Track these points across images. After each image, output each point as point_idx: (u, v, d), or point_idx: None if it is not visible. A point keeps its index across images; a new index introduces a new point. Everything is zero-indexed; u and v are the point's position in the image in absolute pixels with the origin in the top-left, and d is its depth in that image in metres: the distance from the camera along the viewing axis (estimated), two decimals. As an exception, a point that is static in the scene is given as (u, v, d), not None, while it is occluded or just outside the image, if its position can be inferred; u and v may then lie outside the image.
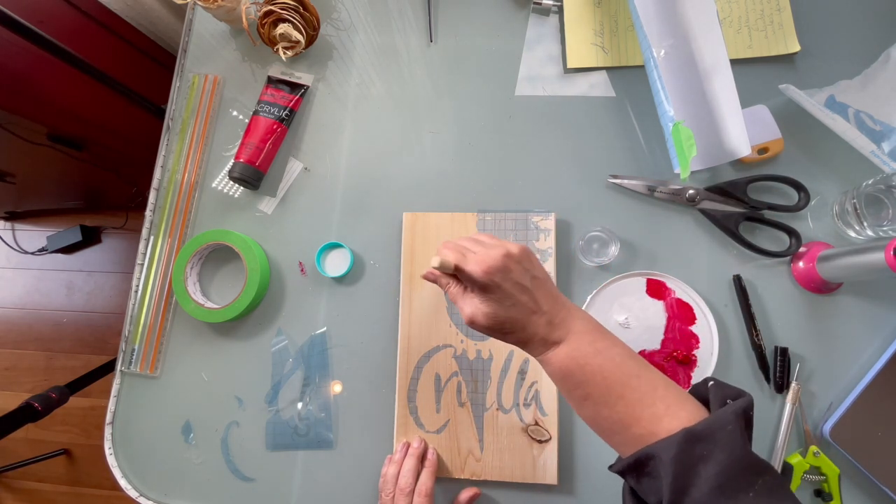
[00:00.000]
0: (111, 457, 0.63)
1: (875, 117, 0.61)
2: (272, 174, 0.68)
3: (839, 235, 0.60)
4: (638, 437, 0.37)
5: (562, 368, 0.40)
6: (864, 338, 0.58)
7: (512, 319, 0.41)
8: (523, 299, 0.41)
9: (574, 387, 0.40)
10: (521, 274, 0.41)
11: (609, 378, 0.39)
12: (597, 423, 0.40)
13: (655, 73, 0.59)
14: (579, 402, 0.41)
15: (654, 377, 0.39)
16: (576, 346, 0.40)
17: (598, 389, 0.39)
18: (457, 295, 0.43)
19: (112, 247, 1.60)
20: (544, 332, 0.41)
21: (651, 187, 0.62)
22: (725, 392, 0.37)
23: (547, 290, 0.42)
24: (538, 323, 0.41)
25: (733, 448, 0.33)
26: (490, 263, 0.40)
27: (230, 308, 0.62)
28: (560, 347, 0.40)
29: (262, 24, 0.67)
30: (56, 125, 0.95)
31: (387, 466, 0.57)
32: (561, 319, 0.41)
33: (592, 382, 0.39)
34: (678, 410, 0.36)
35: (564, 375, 0.40)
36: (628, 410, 0.38)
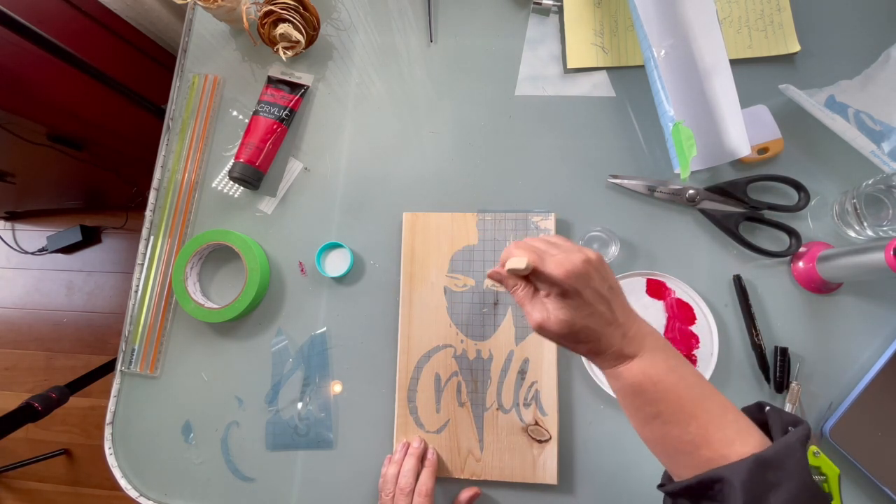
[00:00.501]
0: (111, 457, 0.63)
1: (875, 117, 0.61)
2: (272, 174, 0.68)
3: (839, 235, 0.60)
4: (707, 460, 0.36)
5: (634, 384, 0.39)
6: (864, 338, 0.58)
7: (588, 329, 0.39)
8: (601, 308, 0.39)
9: (645, 404, 0.39)
10: (601, 282, 0.39)
11: (683, 397, 0.38)
12: (663, 442, 0.39)
13: (655, 73, 0.59)
14: (647, 419, 0.39)
15: (723, 400, 0.38)
16: (650, 361, 0.39)
17: (670, 408, 0.38)
18: (525, 298, 0.41)
19: (112, 247, 1.60)
20: (619, 345, 0.39)
21: (651, 187, 0.62)
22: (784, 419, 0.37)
23: (622, 302, 0.41)
24: (614, 335, 0.39)
25: (802, 477, 0.33)
26: (571, 268, 0.38)
27: (230, 308, 0.62)
28: (633, 362, 0.39)
29: (262, 24, 0.67)
30: (56, 125, 0.95)
31: (386, 466, 0.57)
32: (634, 333, 0.40)
33: (665, 400, 0.38)
34: (747, 436, 0.36)
35: (636, 392, 0.39)
36: (700, 432, 0.36)
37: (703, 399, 0.38)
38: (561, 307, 0.39)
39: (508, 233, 0.62)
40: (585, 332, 0.39)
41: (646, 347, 0.39)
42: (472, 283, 0.61)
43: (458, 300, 0.61)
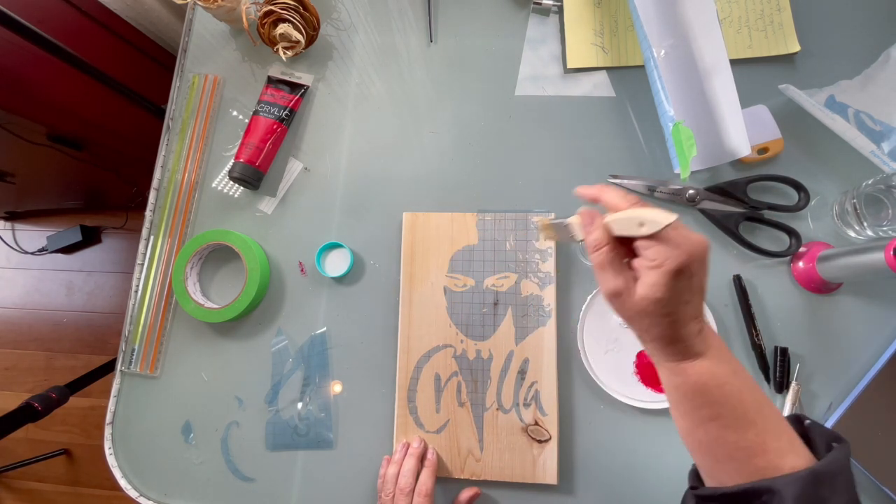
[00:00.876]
0: (111, 457, 0.63)
1: (875, 117, 0.61)
2: (272, 174, 0.68)
3: (839, 235, 0.60)
4: (758, 469, 0.34)
5: (698, 383, 0.36)
6: (864, 338, 0.58)
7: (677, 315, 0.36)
8: (696, 300, 0.36)
9: (705, 404, 0.37)
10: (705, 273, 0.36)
11: (745, 402, 0.36)
12: (715, 446, 0.37)
13: (655, 73, 0.59)
14: (703, 421, 0.37)
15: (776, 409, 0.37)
16: (717, 361, 0.37)
17: (732, 412, 0.36)
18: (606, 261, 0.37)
19: (112, 247, 1.60)
20: (692, 340, 0.36)
21: (651, 187, 0.62)
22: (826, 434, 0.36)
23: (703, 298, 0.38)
24: (693, 328, 0.36)
25: (850, 493, 0.32)
26: (697, 247, 0.34)
27: (230, 308, 0.62)
28: (699, 361, 0.37)
29: (262, 24, 0.67)
30: (56, 125, 0.95)
31: (386, 467, 0.57)
32: (707, 331, 0.37)
33: (727, 404, 0.36)
34: (800, 448, 0.35)
35: (698, 391, 0.37)
36: (758, 440, 0.35)
37: (762, 406, 0.36)
38: (665, 284, 0.34)
39: (508, 233, 0.62)
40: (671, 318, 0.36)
41: (713, 347, 0.37)
42: (472, 283, 0.61)
43: (458, 300, 0.61)
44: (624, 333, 0.59)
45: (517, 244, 0.62)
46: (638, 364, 0.59)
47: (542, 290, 0.60)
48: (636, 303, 0.36)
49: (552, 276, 0.60)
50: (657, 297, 0.35)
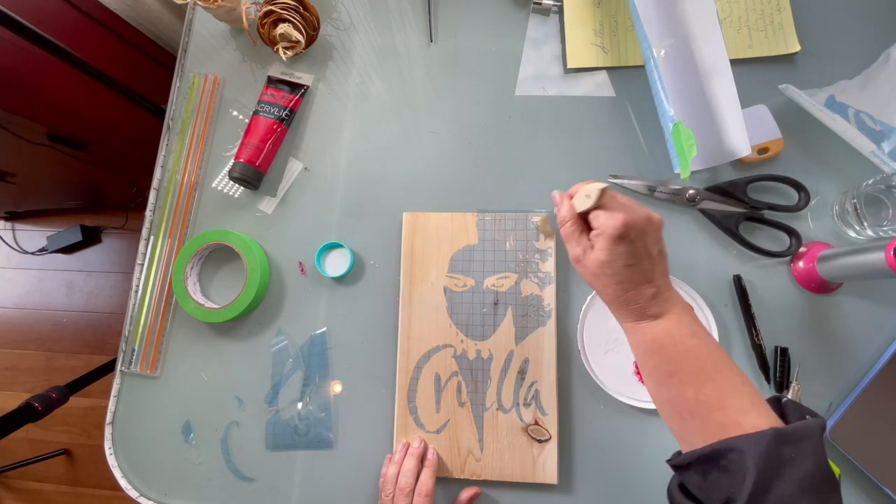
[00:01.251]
0: (111, 457, 0.63)
1: (875, 117, 0.61)
2: (272, 174, 0.68)
3: (839, 235, 0.60)
4: (720, 425, 0.36)
5: (655, 340, 0.40)
6: (864, 338, 0.58)
7: (621, 277, 0.41)
8: (644, 265, 0.41)
9: (663, 362, 0.40)
10: (653, 242, 0.41)
11: (702, 360, 0.39)
12: (676, 403, 0.40)
13: (655, 73, 0.59)
14: (663, 378, 0.40)
15: (743, 375, 0.39)
16: (674, 323, 0.40)
17: (688, 368, 0.39)
18: (573, 233, 0.43)
19: (112, 247, 1.60)
20: (646, 303, 0.41)
21: (651, 187, 0.62)
22: (802, 410, 0.38)
23: (664, 268, 0.42)
24: (645, 292, 0.41)
25: (818, 458, 0.33)
26: (635, 217, 0.40)
27: (230, 308, 0.62)
28: (658, 321, 0.41)
29: (262, 24, 0.67)
30: (56, 125, 0.95)
31: (386, 467, 0.57)
32: (666, 297, 0.41)
33: (684, 361, 0.39)
34: (765, 410, 0.36)
35: (656, 348, 0.40)
36: (716, 395, 0.37)
37: (723, 365, 0.39)
38: (606, 248, 0.40)
39: (508, 233, 0.62)
40: (619, 280, 0.41)
41: (674, 311, 0.41)
42: (472, 283, 0.61)
43: (457, 300, 0.61)
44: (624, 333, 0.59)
45: (517, 244, 0.62)
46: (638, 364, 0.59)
47: (542, 290, 0.60)
48: (589, 267, 0.42)
49: (552, 276, 0.60)
50: (600, 259, 0.41)
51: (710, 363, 0.39)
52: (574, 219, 0.44)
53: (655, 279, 0.41)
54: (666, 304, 0.41)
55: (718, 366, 0.39)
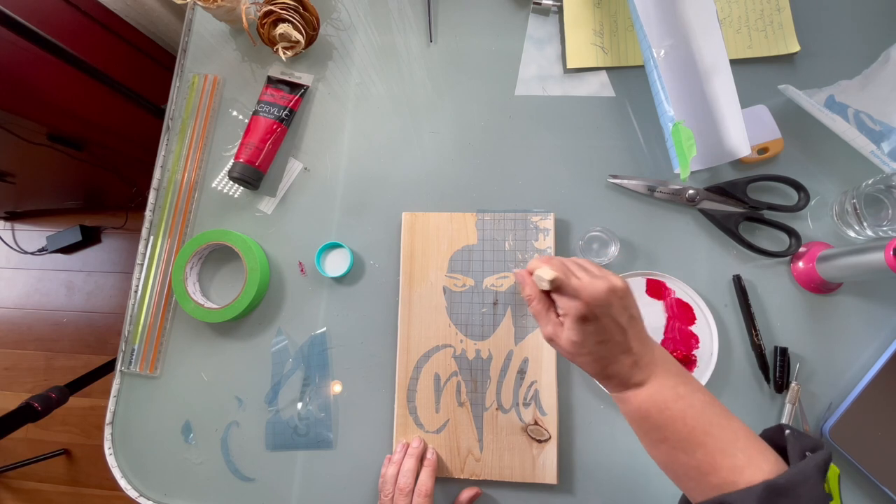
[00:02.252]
0: (111, 457, 0.63)
1: (875, 117, 0.61)
2: (272, 174, 0.68)
3: (839, 235, 0.60)
4: (715, 486, 0.36)
5: (640, 409, 0.39)
6: (864, 338, 0.58)
7: (598, 355, 0.40)
8: (616, 338, 0.40)
9: (651, 429, 0.39)
10: (621, 311, 0.40)
11: (690, 424, 0.38)
12: (671, 467, 0.39)
13: (655, 73, 0.59)
14: (654, 444, 0.40)
15: (735, 425, 0.38)
16: (658, 388, 0.39)
17: (677, 435, 0.38)
18: (540, 312, 0.42)
19: (112, 247, 1.60)
20: (627, 373, 0.40)
21: (651, 187, 0.62)
22: (804, 443, 0.37)
23: (638, 331, 0.41)
24: (624, 363, 0.40)
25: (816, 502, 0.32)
26: (595, 294, 0.39)
27: (230, 308, 0.62)
28: (641, 389, 0.40)
29: (262, 24, 0.67)
30: (56, 125, 0.95)
31: (386, 467, 0.57)
32: (647, 361, 0.40)
33: (672, 427, 0.38)
34: (760, 462, 0.36)
35: (642, 416, 0.40)
36: (707, 459, 0.37)
37: (711, 426, 0.38)
38: (574, 329, 0.40)
39: (507, 232, 0.62)
40: (595, 356, 0.40)
41: (656, 374, 0.40)
42: (471, 283, 0.61)
43: (457, 300, 0.61)
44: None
45: (516, 244, 0.62)
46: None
47: (542, 290, 0.60)
48: (563, 346, 0.41)
49: (552, 276, 0.60)
50: (572, 339, 0.40)
51: (699, 426, 0.38)
52: (538, 297, 0.43)
53: (632, 347, 0.40)
54: (647, 368, 0.40)
55: (707, 427, 0.38)
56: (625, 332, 0.40)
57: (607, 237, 0.61)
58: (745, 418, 0.57)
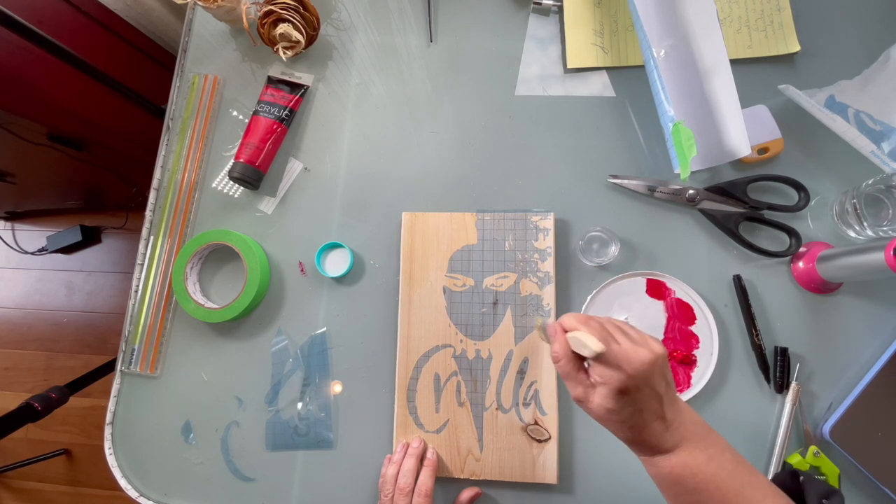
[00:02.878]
0: (111, 457, 0.63)
1: (875, 117, 0.61)
2: (272, 174, 0.68)
3: (839, 235, 0.60)
4: None
5: (672, 474, 0.39)
6: (864, 338, 0.58)
7: (632, 423, 0.39)
8: (652, 406, 0.38)
9: (683, 493, 0.39)
10: (659, 379, 0.39)
11: (721, 488, 0.38)
12: None
13: (655, 73, 0.59)
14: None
15: (762, 482, 0.38)
16: (689, 452, 0.39)
17: (708, 498, 0.38)
18: (570, 373, 0.40)
19: (112, 247, 1.60)
20: (659, 440, 0.39)
21: (651, 187, 0.62)
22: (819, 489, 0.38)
23: (672, 396, 0.40)
24: (656, 429, 0.39)
25: None
26: (637, 366, 0.37)
27: (230, 308, 0.62)
28: (673, 454, 0.39)
29: (262, 24, 0.67)
30: (56, 125, 0.95)
31: (386, 466, 0.57)
32: (677, 426, 0.39)
33: (706, 492, 0.38)
34: None
35: (674, 481, 0.39)
36: None
37: (742, 487, 0.38)
38: (610, 398, 0.38)
39: (507, 232, 0.62)
40: (629, 423, 0.39)
41: (687, 438, 0.39)
42: (471, 283, 0.61)
43: (457, 300, 0.61)
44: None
45: (516, 244, 0.62)
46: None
47: (542, 289, 0.60)
48: (594, 410, 0.40)
49: (551, 276, 0.60)
50: (608, 407, 0.38)
51: (731, 488, 0.37)
52: (568, 357, 0.41)
53: (666, 414, 0.39)
54: (678, 432, 0.39)
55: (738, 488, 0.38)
56: (661, 400, 0.39)
57: (607, 237, 0.61)
58: (746, 418, 0.57)
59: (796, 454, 0.55)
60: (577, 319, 0.41)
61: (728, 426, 0.57)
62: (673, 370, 0.58)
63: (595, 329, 0.40)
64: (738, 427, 0.57)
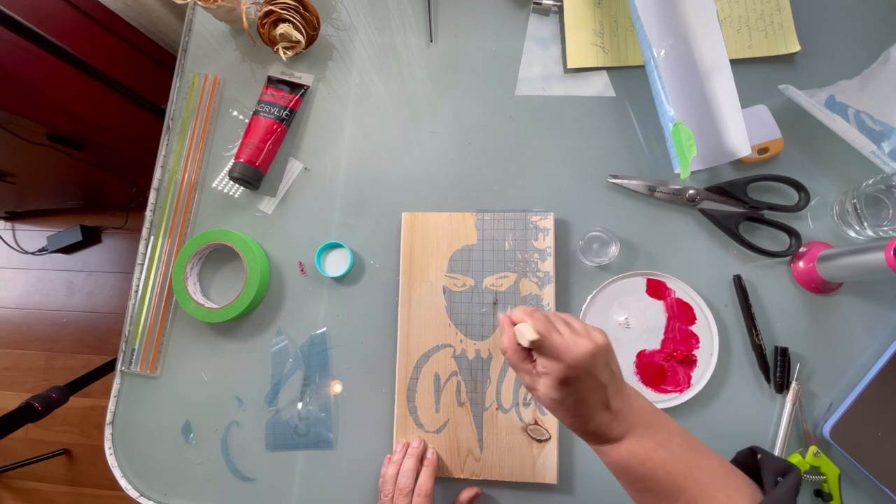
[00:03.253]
0: (111, 457, 0.63)
1: (875, 117, 0.61)
2: (272, 174, 0.68)
3: (839, 235, 0.60)
4: None
5: (620, 462, 0.40)
6: (864, 338, 0.58)
7: (576, 412, 0.39)
8: (596, 395, 0.39)
9: (633, 480, 0.40)
10: (602, 368, 0.39)
11: (671, 472, 0.38)
12: None
13: (655, 73, 0.59)
14: (639, 493, 0.40)
15: (713, 465, 0.39)
16: (637, 440, 0.39)
17: (659, 484, 0.38)
18: (516, 364, 0.42)
19: (112, 247, 1.60)
20: (606, 429, 0.40)
21: (651, 187, 0.62)
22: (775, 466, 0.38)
23: (618, 385, 0.41)
24: (602, 419, 0.39)
25: None
26: (577, 356, 0.38)
27: (230, 308, 0.62)
28: (621, 443, 0.39)
29: (262, 24, 0.67)
30: (56, 125, 0.95)
31: (386, 466, 0.57)
32: (625, 414, 0.40)
33: (654, 478, 0.38)
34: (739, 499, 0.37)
35: (623, 469, 0.40)
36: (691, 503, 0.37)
37: (691, 470, 0.38)
38: (553, 388, 0.39)
39: (507, 232, 0.62)
40: (574, 413, 0.40)
41: (635, 426, 0.40)
42: (471, 283, 0.61)
43: (457, 300, 0.61)
44: (624, 333, 0.59)
45: (516, 244, 0.62)
46: (638, 364, 0.59)
47: (542, 289, 0.60)
48: (541, 399, 0.41)
49: (551, 276, 0.60)
50: (552, 396, 0.40)
51: (679, 472, 0.38)
52: (514, 348, 0.42)
53: (611, 403, 0.40)
54: (625, 421, 0.40)
55: (687, 471, 0.38)
56: (605, 389, 0.39)
57: (607, 237, 0.61)
58: (746, 418, 0.57)
59: (796, 454, 0.55)
60: (523, 312, 0.42)
61: (728, 426, 0.57)
62: (673, 370, 0.58)
63: (539, 321, 0.40)
64: (738, 427, 0.57)
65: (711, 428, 0.57)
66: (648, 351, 0.59)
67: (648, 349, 0.59)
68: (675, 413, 0.58)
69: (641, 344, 0.59)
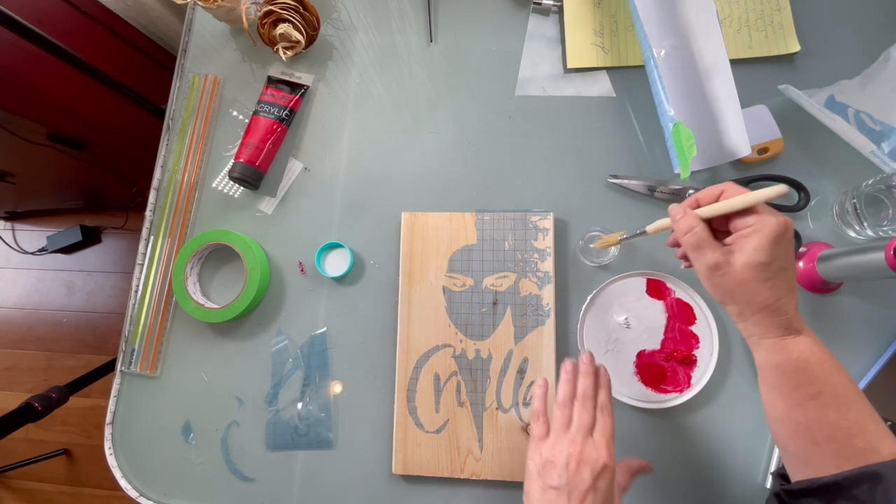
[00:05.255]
0: (111, 457, 0.63)
1: (875, 117, 0.61)
2: (272, 174, 0.68)
3: (839, 235, 0.60)
4: (858, 451, 0.34)
5: (800, 359, 0.37)
6: (864, 338, 0.58)
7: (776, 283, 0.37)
8: (791, 273, 0.37)
9: (806, 382, 0.37)
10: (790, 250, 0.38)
11: (844, 382, 0.36)
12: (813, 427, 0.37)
13: (655, 73, 0.59)
14: (804, 400, 0.37)
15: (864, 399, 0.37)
16: (815, 341, 0.37)
17: (831, 390, 0.36)
18: (705, 239, 0.39)
19: (112, 247, 1.60)
20: (793, 314, 0.37)
21: (651, 187, 0.62)
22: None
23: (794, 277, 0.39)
24: (791, 302, 0.37)
25: None
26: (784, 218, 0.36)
27: (230, 308, 0.62)
28: (801, 337, 0.37)
29: (262, 24, 0.67)
30: (56, 125, 0.95)
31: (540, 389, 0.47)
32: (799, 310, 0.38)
33: (828, 382, 0.36)
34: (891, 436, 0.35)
35: (800, 368, 0.37)
36: (858, 419, 0.35)
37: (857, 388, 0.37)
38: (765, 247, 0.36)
39: (507, 232, 0.62)
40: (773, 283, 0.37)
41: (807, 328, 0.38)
42: (470, 283, 0.61)
43: (457, 300, 0.61)
44: (624, 333, 0.59)
45: (516, 244, 0.62)
46: (638, 364, 0.59)
47: (541, 289, 0.60)
48: (738, 272, 0.37)
49: (551, 276, 0.60)
50: (759, 260, 0.36)
51: (851, 386, 0.36)
52: (703, 224, 0.39)
53: (794, 287, 0.38)
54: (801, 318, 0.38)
55: (855, 388, 0.37)
56: (791, 272, 0.37)
57: (607, 237, 0.61)
58: (746, 418, 0.57)
59: (796, 454, 0.55)
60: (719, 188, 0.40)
61: (728, 426, 0.57)
62: (673, 370, 0.58)
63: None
64: (738, 427, 0.57)
65: (711, 428, 0.57)
66: (648, 351, 0.59)
67: (648, 349, 0.59)
68: (675, 413, 0.58)
69: (641, 344, 0.59)
